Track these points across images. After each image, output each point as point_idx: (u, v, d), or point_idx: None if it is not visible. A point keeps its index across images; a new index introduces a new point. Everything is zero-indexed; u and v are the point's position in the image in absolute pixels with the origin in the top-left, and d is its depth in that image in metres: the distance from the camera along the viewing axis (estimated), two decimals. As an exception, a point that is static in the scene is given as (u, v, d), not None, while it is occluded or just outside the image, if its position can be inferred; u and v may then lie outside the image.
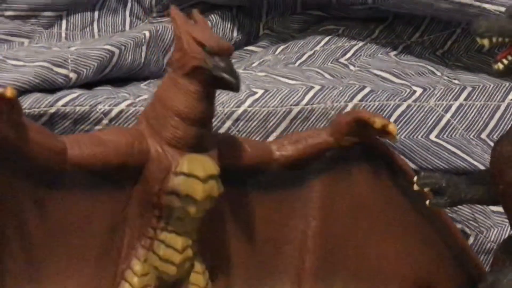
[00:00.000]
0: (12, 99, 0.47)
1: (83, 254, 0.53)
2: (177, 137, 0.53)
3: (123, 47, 0.73)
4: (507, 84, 0.77)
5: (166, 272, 0.54)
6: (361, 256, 0.61)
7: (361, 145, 0.60)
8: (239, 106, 0.68)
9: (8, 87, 0.47)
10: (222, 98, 0.68)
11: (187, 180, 0.52)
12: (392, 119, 0.71)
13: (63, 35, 0.80)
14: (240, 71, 0.76)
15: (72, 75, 0.68)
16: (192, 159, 0.53)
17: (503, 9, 0.73)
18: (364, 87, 0.72)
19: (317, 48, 0.81)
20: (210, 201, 0.53)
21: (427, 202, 0.58)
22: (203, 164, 0.53)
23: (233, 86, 0.52)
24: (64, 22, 0.81)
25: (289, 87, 0.71)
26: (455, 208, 0.69)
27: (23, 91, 0.65)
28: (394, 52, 0.82)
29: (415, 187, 0.58)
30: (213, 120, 0.67)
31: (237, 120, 0.68)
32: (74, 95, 0.65)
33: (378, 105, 0.71)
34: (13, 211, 0.50)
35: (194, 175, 0.52)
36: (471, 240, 0.71)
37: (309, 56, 0.79)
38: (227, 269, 0.58)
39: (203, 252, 0.56)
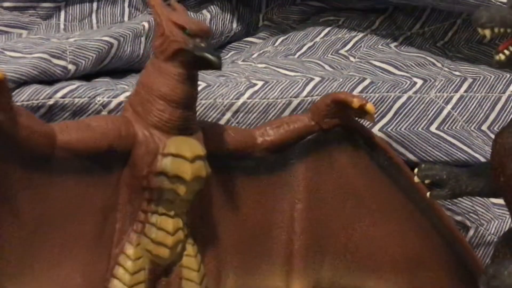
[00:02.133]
0: (1, 82, 0.47)
1: (76, 239, 0.54)
2: (163, 120, 0.54)
3: (122, 39, 0.73)
4: (508, 76, 0.77)
5: (159, 255, 0.55)
6: (349, 236, 0.62)
7: (341, 127, 0.61)
8: (238, 98, 0.68)
9: None
10: (222, 90, 0.68)
11: (175, 160, 0.53)
12: (392, 111, 0.71)
13: (62, 26, 0.80)
14: (239, 62, 0.76)
15: (71, 67, 0.68)
16: (179, 140, 0.54)
17: (504, -1, 0.73)
18: (364, 79, 0.72)
19: (317, 39, 0.80)
20: (199, 181, 0.54)
21: (428, 194, 0.58)
22: (190, 145, 0.54)
23: (215, 65, 0.53)
24: (62, 13, 0.81)
25: (289, 79, 0.70)
26: (456, 200, 0.69)
27: (21, 83, 0.65)
28: (395, 44, 0.81)
29: (416, 179, 0.58)
30: (213, 111, 0.67)
31: (236, 111, 0.68)
32: (73, 86, 0.65)
33: (378, 97, 0.71)
34: (5, 196, 0.50)
35: (182, 155, 0.53)
36: (471, 232, 0.70)
37: (309, 47, 0.79)
38: (218, 253, 0.59)
39: (194, 236, 0.57)
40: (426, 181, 0.58)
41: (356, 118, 0.61)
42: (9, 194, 0.50)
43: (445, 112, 0.72)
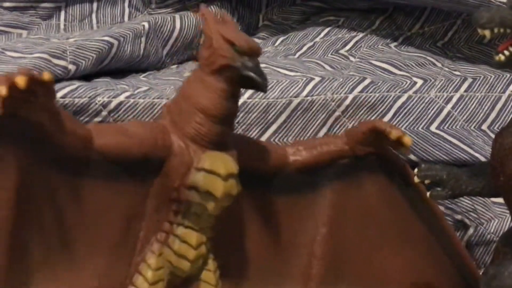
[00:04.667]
0: (49, 83, 0.47)
1: (100, 244, 0.53)
2: (201, 133, 0.53)
3: (122, 39, 0.73)
4: (508, 75, 0.77)
5: (179, 268, 0.54)
6: (367, 264, 0.62)
7: (375, 155, 0.60)
8: (238, 98, 0.68)
9: (44, 72, 0.47)
10: (222, 89, 0.68)
11: (208, 176, 0.52)
12: (392, 111, 0.71)
13: (62, 26, 0.80)
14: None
15: (71, 67, 0.68)
16: (214, 156, 0.53)
17: (504, -1, 0.73)
18: (364, 79, 0.72)
19: (317, 39, 0.80)
20: (229, 199, 0.53)
21: (428, 194, 0.58)
22: (224, 162, 0.53)
23: (261, 87, 0.53)
24: (62, 13, 0.81)
25: (289, 79, 0.70)
26: (455, 199, 0.69)
27: (21, 83, 0.64)
28: (395, 43, 0.81)
29: (416, 179, 0.58)
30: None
31: (236, 111, 0.68)
32: (73, 86, 0.65)
33: (378, 97, 0.71)
34: (34, 195, 0.50)
35: (215, 172, 0.52)
36: (471, 231, 0.70)
37: (309, 47, 0.79)
38: (237, 269, 0.58)
39: (216, 251, 0.56)
40: (426, 181, 0.58)
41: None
42: (39, 194, 0.50)
43: (445, 111, 0.73)
